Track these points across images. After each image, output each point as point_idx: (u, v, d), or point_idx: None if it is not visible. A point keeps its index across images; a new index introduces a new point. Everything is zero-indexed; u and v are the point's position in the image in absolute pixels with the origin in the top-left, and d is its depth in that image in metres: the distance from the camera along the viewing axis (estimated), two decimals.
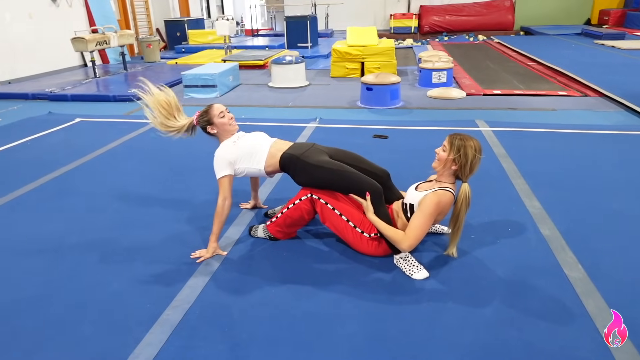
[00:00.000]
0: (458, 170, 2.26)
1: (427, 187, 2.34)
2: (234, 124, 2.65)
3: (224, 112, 2.62)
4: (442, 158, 2.28)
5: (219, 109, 2.61)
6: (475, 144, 2.25)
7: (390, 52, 7.70)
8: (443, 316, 1.98)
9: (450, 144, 2.26)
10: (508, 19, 14.74)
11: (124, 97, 6.78)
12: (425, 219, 2.20)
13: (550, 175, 3.44)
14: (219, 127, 2.61)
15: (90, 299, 2.14)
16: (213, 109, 2.61)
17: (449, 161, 2.25)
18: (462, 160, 2.22)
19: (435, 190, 2.26)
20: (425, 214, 2.21)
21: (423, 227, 2.20)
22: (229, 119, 2.62)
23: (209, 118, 2.60)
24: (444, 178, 2.31)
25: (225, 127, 2.61)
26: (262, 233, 2.65)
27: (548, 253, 2.44)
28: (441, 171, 2.31)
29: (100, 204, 3.17)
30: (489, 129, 4.59)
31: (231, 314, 2.03)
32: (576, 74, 7.20)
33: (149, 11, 13.22)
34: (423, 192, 2.30)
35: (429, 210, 2.21)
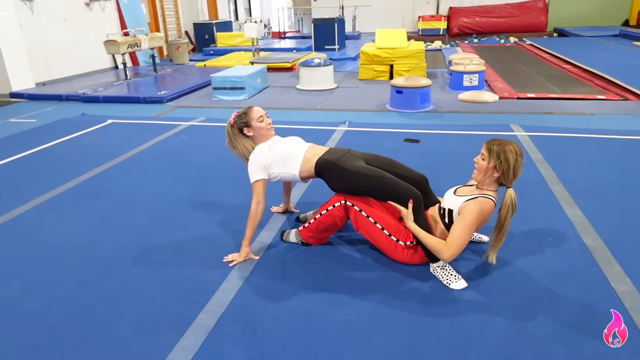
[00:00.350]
0: (501, 177, 2.17)
1: (467, 192, 2.26)
2: (271, 130, 2.63)
3: (264, 117, 2.59)
4: (482, 167, 2.19)
5: (259, 113, 2.58)
6: (515, 148, 2.16)
7: (420, 55, 7.59)
8: (483, 329, 1.89)
9: (488, 150, 2.17)
10: (541, 20, 14.38)
11: (154, 98, 6.88)
12: (467, 228, 2.12)
13: (591, 183, 3.30)
14: (256, 130, 2.58)
15: (125, 301, 2.14)
16: (253, 111, 2.58)
17: (489, 169, 2.17)
18: (503, 166, 2.14)
19: (476, 198, 2.17)
20: (467, 223, 2.13)
21: (465, 236, 2.13)
22: (267, 124, 2.59)
23: (247, 120, 2.57)
24: (486, 186, 2.22)
25: (262, 131, 2.59)
26: (294, 238, 2.61)
27: (593, 265, 2.33)
28: (482, 180, 2.22)
29: (132, 206, 3.19)
30: (525, 134, 4.45)
31: (264, 320, 1.99)
32: (615, 76, 6.94)
33: (178, 14, 13.43)
34: (463, 198, 2.22)
35: (471, 219, 2.13)
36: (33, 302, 2.16)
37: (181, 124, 5.31)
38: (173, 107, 6.53)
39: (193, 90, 7.61)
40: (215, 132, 5.02)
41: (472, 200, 2.17)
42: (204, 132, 5.04)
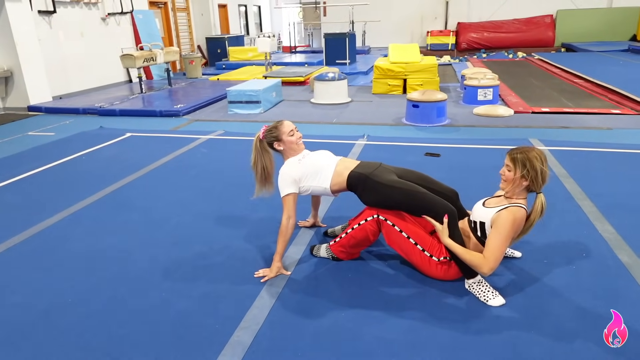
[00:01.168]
0: (530, 185, 2.16)
1: (497, 203, 2.24)
2: (301, 144, 2.63)
3: (294, 131, 2.59)
4: (509, 178, 2.18)
5: (290, 127, 2.58)
6: (538, 154, 2.15)
7: (433, 69, 7.63)
8: (527, 348, 1.87)
9: (513, 160, 2.16)
10: (548, 36, 14.46)
11: (170, 112, 6.94)
12: (503, 239, 2.11)
13: (619, 198, 3.27)
14: (287, 144, 2.58)
15: (159, 318, 2.13)
16: (283, 125, 2.58)
17: (517, 179, 2.16)
18: (531, 174, 2.12)
19: (508, 207, 2.16)
20: (502, 234, 2.11)
21: (502, 247, 2.11)
22: (298, 137, 2.59)
23: (278, 134, 2.57)
24: (516, 195, 2.21)
25: (293, 145, 2.58)
26: (324, 253, 2.60)
27: (631, 281, 2.30)
28: (511, 190, 2.20)
29: (158, 219, 3.20)
30: (545, 148, 4.44)
31: (303, 337, 1.97)
32: (629, 91, 6.93)
33: (191, 29, 13.62)
34: (494, 209, 2.21)
35: (506, 229, 2.11)
36: (70, 317, 2.15)
37: (200, 137, 5.34)
38: (190, 120, 6.58)
39: (208, 104, 7.67)
40: (235, 145, 5.05)
41: (504, 210, 2.16)
42: (224, 145, 5.06)
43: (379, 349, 1.88)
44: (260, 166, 2.57)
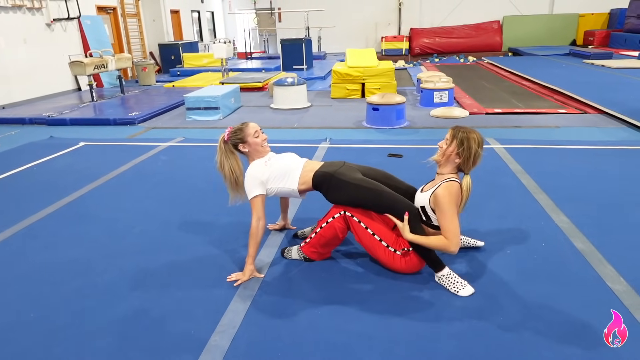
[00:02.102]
0: (461, 164, 2.27)
1: (431, 186, 2.35)
2: (267, 146, 2.63)
3: (259, 132, 2.58)
4: (445, 151, 2.28)
5: (254, 128, 2.58)
6: (477, 137, 2.26)
7: (390, 73, 7.81)
8: (499, 333, 1.94)
9: (452, 136, 2.27)
10: (496, 41, 15.13)
11: (124, 120, 6.73)
12: (450, 214, 2.20)
13: (571, 190, 3.47)
14: (252, 146, 2.57)
15: (132, 328, 2.06)
16: (248, 127, 2.57)
17: (452, 154, 2.26)
18: (465, 153, 2.24)
19: (440, 185, 2.26)
20: (447, 210, 2.20)
21: (454, 221, 2.20)
22: (263, 139, 2.59)
23: (243, 136, 2.56)
24: (446, 170, 2.31)
25: (258, 147, 2.58)
26: (296, 254, 2.60)
27: (587, 266, 2.44)
28: (444, 163, 2.31)
29: (121, 229, 3.09)
30: (501, 147, 4.64)
31: (281, 337, 1.97)
32: (573, 92, 7.36)
33: (142, 35, 13.27)
34: (428, 192, 2.31)
35: (448, 205, 2.20)
36: (34, 334, 2.04)
37: (159, 144, 5.21)
38: (146, 128, 6.40)
39: (165, 111, 7.50)
40: (197, 152, 4.96)
41: (438, 188, 2.25)
42: (185, 152, 4.96)
43: (358, 344, 1.90)
44: (227, 168, 2.55)
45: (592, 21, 15.30)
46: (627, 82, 8.31)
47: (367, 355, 1.84)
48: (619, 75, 9.08)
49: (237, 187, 2.57)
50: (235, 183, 2.56)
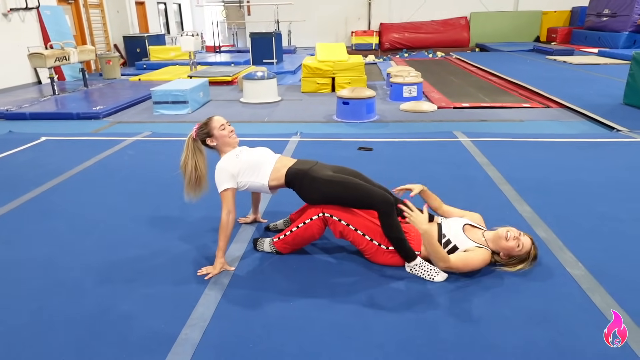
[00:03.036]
0: (503, 256, 2.37)
1: (476, 239, 2.41)
2: (235, 137, 2.61)
3: (225, 125, 2.57)
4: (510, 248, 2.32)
5: (220, 122, 2.56)
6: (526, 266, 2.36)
7: (360, 68, 7.85)
8: (466, 318, 2.00)
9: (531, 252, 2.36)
10: (464, 36, 15.42)
11: (89, 114, 6.53)
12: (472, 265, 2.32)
13: (534, 181, 3.58)
14: (219, 139, 2.55)
15: (99, 324, 2.01)
16: (213, 121, 2.56)
17: (511, 253, 2.34)
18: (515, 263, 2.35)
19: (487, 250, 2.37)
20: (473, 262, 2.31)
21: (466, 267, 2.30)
22: (229, 131, 2.58)
23: (209, 130, 2.54)
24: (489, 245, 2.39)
25: (226, 139, 2.56)
26: (268, 247, 2.59)
27: (548, 253, 2.54)
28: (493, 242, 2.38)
29: (87, 225, 3.00)
30: (468, 140, 4.75)
31: (253, 329, 1.96)
32: (536, 87, 7.60)
33: (106, 27, 12.88)
34: (473, 243, 2.37)
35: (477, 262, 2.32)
36: None
37: (125, 139, 5.08)
38: (111, 122, 6.23)
39: (131, 105, 7.32)
40: (164, 146, 4.86)
41: (484, 249, 2.35)
42: (152, 147, 4.86)
43: (332, 333, 1.92)
44: (191, 166, 2.52)
45: (554, 18, 15.79)
46: (587, 78, 8.63)
47: (339, 344, 1.86)
48: (579, 71, 9.42)
49: (197, 187, 2.55)
50: (196, 181, 2.53)
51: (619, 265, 2.41)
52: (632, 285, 2.24)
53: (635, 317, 1.98)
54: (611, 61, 10.48)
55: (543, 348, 1.82)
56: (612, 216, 2.98)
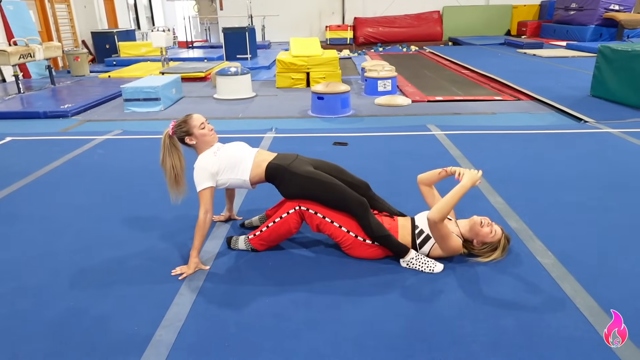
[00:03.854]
0: (476, 243, 2.42)
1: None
2: (214, 135, 2.57)
3: (205, 124, 2.52)
4: (485, 234, 2.38)
5: (199, 120, 2.51)
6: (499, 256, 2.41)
7: (335, 62, 7.85)
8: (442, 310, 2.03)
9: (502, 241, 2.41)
10: (437, 30, 15.57)
11: (56, 113, 6.35)
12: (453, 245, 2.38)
13: (505, 173, 3.66)
14: (199, 138, 2.50)
15: (70, 328, 1.96)
16: (193, 119, 2.50)
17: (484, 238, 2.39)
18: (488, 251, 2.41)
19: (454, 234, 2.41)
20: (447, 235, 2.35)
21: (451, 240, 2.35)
22: (210, 130, 2.53)
23: (188, 129, 2.48)
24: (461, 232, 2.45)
25: (206, 138, 2.52)
26: (243, 245, 2.57)
27: (519, 243, 2.59)
28: (468, 230, 2.43)
29: (58, 227, 2.92)
30: (442, 133, 4.80)
31: (228, 327, 1.95)
32: (508, 80, 7.74)
33: (73, 22, 12.50)
34: None
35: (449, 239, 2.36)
36: None
37: (95, 138, 4.96)
38: (81, 121, 6.07)
39: (101, 103, 7.14)
40: (137, 144, 4.77)
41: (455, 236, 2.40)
42: (124, 145, 4.76)
43: (306, 329, 1.92)
44: (170, 164, 2.48)
45: (524, 12, 16.09)
46: (556, 70, 8.83)
47: (316, 340, 1.86)
48: (548, 64, 9.64)
49: (177, 185, 2.50)
50: (175, 180, 2.49)
51: (587, 253, 2.48)
52: (599, 272, 2.31)
53: (601, 303, 2.05)
54: (579, 54, 10.75)
55: (513, 335, 1.86)
56: (580, 205, 3.07)
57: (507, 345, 1.81)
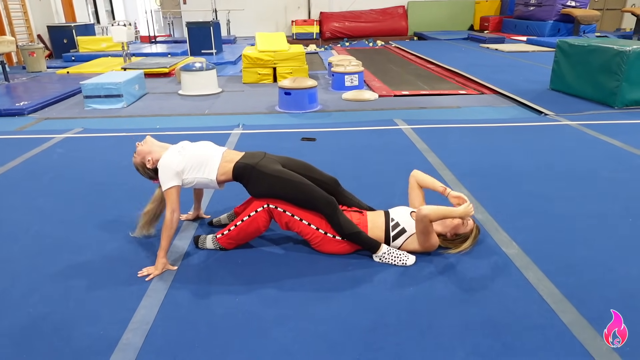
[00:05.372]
0: (450, 235, 2.48)
1: None
2: (152, 140, 2.59)
3: (138, 144, 2.56)
4: (458, 225, 2.45)
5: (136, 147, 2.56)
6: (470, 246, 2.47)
7: (301, 57, 7.81)
8: (409, 303, 2.06)
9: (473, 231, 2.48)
10: (402, 25, 15.72)
11: (11, 111, 6.06)
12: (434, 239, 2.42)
13: (470, 165, 3.74)
14: (145, 155, 2.52)
15: (30, 337, 1.88)
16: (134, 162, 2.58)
17: (456, 229, 2.45)
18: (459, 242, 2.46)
19: None
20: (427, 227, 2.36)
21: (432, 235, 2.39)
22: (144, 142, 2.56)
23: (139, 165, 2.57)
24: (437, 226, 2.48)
25: (147, 146, 2.53)
26: (211, 244, 2.53)
27: (485, 234, 2.65)
28: (442, 222, 2.47)
29: (12, 231, 2.79)
30: (408, 127, 4.86)
31: (198, 328, 1.91)
32: (471, 74, 7.90)
33: (27, 16, 11.95)
34: None
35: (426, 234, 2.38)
36: None
37: (54, 136, 4.77)
38: (38, 119, 5.82)
39: (59, 100, 6.86)
40: (98, 143, 4.61)
41: None
42: (85, 144, 4.59)
43: (276, 326, 1.91)
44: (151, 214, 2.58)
45: (486, 7, 16.44)
46: (517, 65, 9.08)
47: (285, 336, 1.85)
48: (510, 59, 9.89)
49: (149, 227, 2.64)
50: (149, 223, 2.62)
51: (548, 242, 2.57)
52: (560, 260, 2.39)
53: (562, 289, 2.12)
54: (538, 48, 11.08)
55: (479, 325, 1.91)
56: (541, 195, 3.17)
57: (474, 335, 1.85)
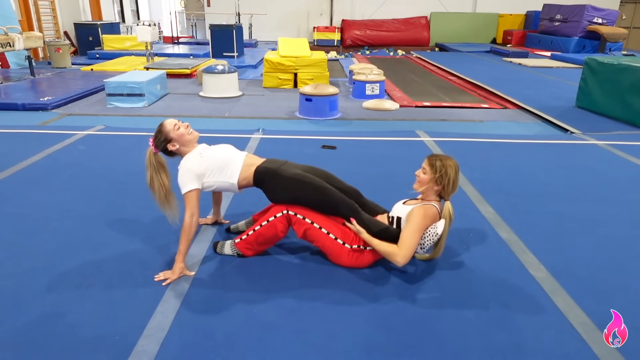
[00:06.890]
0: (440, 190, 2.33)
1: (414, 203, 2.39)
2: (193, 132, 2.49)
3: (178, 124, 2.44)
4: (423, 180, 2.34)
5: (172, 123, 2.43)
6: (454, 164, 2.34)
7: (323, 64, 7.79)
8: (433, 324, 1.98)
9: (430, 165, 2.32)
10: (424, 36, 15.65)
11: (35, 105, 6.14)
12: (414, 230, 2.23)
13: (495, 182, 3.65)
14: (179, 139, 2.42)
15: (44, 336, 1.85)
16: (165, 125, 2.43)
17: (430, 182, 2.31)
18: (444, 180, 2.29)
19: (420, 205, 2.32)
20: (414, 226, 2.24)
21: (414, 237, 2.22)
22: (185, 127, 2.46)
23: (166, 135, 2.41)
24: (428, 197, 2.37)
25: (185, 137, 2.43)
26: (229, 250, 2.49)
27: (511, 255, 2.57)
28: (425, 192, 2.36)
29: (33, 227, 2.79)
30: (430, 139, 4.78)
31: (214, 337, 1.87)
32: (494, 87, 7.79)
33: (55, 12, 12.17)
34: (409, 207, 2.34)
35: (418, 221, 2.25)
36: None
37: (76, 133, 4.80)
38: (61, 114, 5.88)
39: (82, 97, 6.94)
40: (119, 141, 4.62)
41: (416, 206, 2.31)
42: (106, 141, 4.61)
43: (295, 340, 1.86)
44: (157, 184, 2.40)
45: (510, 21, 16.30)
46: (542, 80, 8.94)
47: (304, 351, 1.80)
48: (534, 74, 9.75)
49: (168, 203, 2.43)
50: (165, 199, 2.42)
51: (577, 266, 2.47)
52: (590, 285, 2.30)
53: (594, 318, 2.03)
54: (563, 65, 10.92)
55: (506, 351, 1.83)
56: (569, 216, 3.07)
57: None
